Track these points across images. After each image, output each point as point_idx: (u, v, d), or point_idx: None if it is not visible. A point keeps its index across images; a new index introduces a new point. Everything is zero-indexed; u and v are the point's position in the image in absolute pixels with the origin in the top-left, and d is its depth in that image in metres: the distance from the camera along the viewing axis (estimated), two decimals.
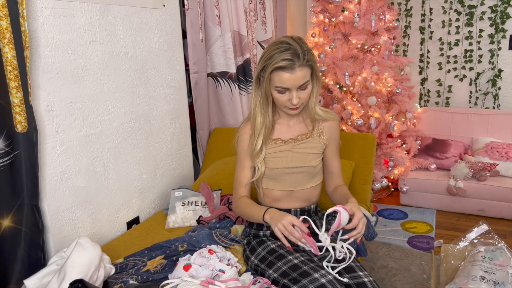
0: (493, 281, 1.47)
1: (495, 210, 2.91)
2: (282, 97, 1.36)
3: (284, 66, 1.28)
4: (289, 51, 1.28)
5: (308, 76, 1.33)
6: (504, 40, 3.41)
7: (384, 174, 3.20)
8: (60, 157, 1.55)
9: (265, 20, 2.90)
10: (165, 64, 2.08)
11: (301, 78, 1.30)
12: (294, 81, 1.30)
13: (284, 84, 1.31)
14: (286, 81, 1.30)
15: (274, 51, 1.29)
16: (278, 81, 1.31)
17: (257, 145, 1.44)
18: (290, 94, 1.34)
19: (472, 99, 3.63)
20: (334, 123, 1.52)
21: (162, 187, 2.13)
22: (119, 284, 1.34)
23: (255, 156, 1.46)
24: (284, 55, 1.27)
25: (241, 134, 1.51)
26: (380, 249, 2.52)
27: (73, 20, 1.56)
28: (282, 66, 1.28)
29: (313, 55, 1.34)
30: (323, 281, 1.19)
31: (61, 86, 1.54)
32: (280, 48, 1.29)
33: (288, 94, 1.34)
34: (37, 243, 1.44)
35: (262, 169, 1.46)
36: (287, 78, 1.30)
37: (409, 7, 3.69)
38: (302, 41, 1.34)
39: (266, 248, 1.40)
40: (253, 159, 1.48)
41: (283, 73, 1.29)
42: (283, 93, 1.35)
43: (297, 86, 1.32)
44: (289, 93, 1.34)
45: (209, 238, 1.59)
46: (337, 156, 1.55)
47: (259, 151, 1.45)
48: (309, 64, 1.31)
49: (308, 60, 1.30)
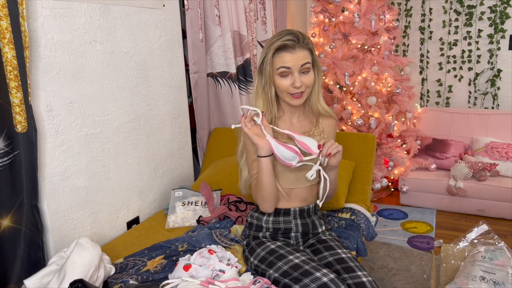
0: (493, 281, 1.47)
1: (495, 210, 2.91)
2: (285, 81, 1.37)
3: (285, 45, 1.33)
4: (289, 34, 1.35)
5: (309, 58, 1.36)
6: (504, 40, 3.41)
7: (384, 174, 3.20)
8: (60, 157, 1.55)
9: (265, 20, 2.90)
10: (165, 64, 2.08)
11: (302, 58, 1.34)
12: (296, 60, 1.34)
13: (286, 64, 1.34)
14: (287, 61, 1.34)
15: (274, 38, 1.37)
16: (280, 62, 1.35)
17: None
18: (293, 77, 1.36)
19: (471, 99, 3.63)
20: (333, 122, 1.54)
21: (162, 187, 2.13)
22: (119, 284, 1.34)
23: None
24: (285, 37, 1.34)
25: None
26: (380, 249, 2.52)
27: (73, 20, 1.56)
28: (283, 45, 1.33)
29: (312, 44, 1.40)
30: (325, 280, 1.19)
31: (61, 86, 1.54)
32: (281, 34, 1.36)
33: (291, 78, 1.36)
34: (36, 243, 1.44)
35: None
36: (288, 58, 1.34)
37: (409, 7, 3.69)
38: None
39: (266, 249, 1.40)
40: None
41: (285, 53, 1.34)
42: (286, 76, 1.37)
43: (299, 66, 1.34)
44: (292, 76, 1.36)
45: (209, 238, 1.59)
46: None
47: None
48: (309, 48, 1.37)
49: (308, 44, 1.36)
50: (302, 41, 1.34)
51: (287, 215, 1.49)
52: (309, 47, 1.37)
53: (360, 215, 1.84)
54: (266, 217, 1.49)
